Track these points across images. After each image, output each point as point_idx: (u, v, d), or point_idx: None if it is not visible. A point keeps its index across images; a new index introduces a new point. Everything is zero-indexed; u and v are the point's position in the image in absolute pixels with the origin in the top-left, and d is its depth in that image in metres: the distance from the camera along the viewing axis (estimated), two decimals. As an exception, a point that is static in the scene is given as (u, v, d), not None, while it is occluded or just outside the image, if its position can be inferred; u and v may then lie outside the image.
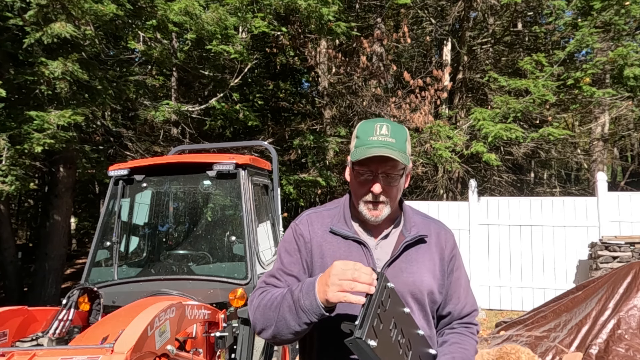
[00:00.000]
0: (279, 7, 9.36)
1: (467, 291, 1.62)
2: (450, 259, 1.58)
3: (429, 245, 1.55)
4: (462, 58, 13.07)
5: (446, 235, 1.60)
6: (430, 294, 1.51)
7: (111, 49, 9.15)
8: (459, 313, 1.60)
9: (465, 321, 1.61)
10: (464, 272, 1.64)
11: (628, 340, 4.38)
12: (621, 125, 13.99)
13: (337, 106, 13.27)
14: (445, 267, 1.57)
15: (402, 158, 1.43)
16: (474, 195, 8.61)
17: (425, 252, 1.54)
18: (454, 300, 1.59)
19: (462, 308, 1.60)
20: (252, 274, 3.51)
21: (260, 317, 1.46)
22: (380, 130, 1.46)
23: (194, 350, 3.01)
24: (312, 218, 1.59)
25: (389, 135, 1.46)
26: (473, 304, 1.64)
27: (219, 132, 13.28)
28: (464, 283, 1.62)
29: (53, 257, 9.18)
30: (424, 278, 1.49)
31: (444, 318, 1.61)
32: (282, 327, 1.39)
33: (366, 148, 1.44)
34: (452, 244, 1.60)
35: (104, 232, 3.82)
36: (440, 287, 1.54)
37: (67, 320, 2.93)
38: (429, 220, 1.63)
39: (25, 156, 6.68)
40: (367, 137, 1.47)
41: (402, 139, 1.48)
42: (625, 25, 10.07)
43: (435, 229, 1.60)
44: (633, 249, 7.05)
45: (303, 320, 1.34)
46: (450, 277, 1.58)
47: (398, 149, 1.45)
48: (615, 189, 12.80)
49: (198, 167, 3.76)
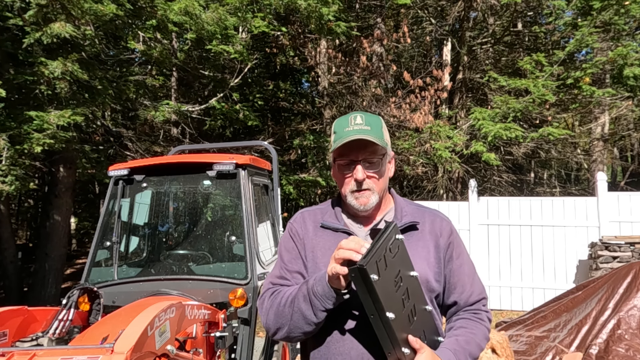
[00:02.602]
0: (279, 7, 9.36)
1: (473, 279, 1.58)
2: (448, 245, 1.55)
3: (422, 232, 1.54)
4: (462, 58, 13.06)
5: (441, 223, 1.58)
6: (423, 281, 1.48)
7: (111, 49, 9.15)
8: (466, 302, 1.56)
9: (474, 308, 1.57)
10: (466, 260, 1.59)
11: (628, 340, 4.38)
12: (621, 125, 13.99)
13: (337, 106, 13.26)
14: (442, 255, 1.54)
15: (380, 141, 1.46)
16: (473, 195, 8.61)
17: (418, 239, 1.53)
18: (458, 289, 1.55)
19: (469, 296, 1.56)
20: (252, 274, 3.51)
21: (273, 317, 1.48)
22: (355, 120, 1.50)
23: (194, 350, 3.01)
24: (304, 215, 1.64)
25: (364, 124, 1.49)
26: (481, 292, 1.59)
27: (219, 132, 13.28)
28: (468, 270, 1.58)
29: (53, 257, 9.18)
30: (416, 265, 1.47)
31: (451, 308, 1.58)
32: (298, 320, 1.42)
33: (343, 138, 1.47)
34: (448, 231, 1.57)
35: (104, 232, 3.81)
36: (436, 275, 1.51)
37: (67, 320, 2.93)
38: (424, 209, 1.62)
39: (25, 156, 6.68)
40: (342, 129, 1.50)
41: (377, 126, 1.51)
42: (625, 25, 10.06)
43: (430, 216, 1.59)
44: (633, 249, 7.05)
45: (318, 307, 1.37)
46: (450, 264, 1.55)
47: (374, 134, 1.47)
48: (615, 189, 12.80)
49: (198, 167, 3.75)
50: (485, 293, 1.62)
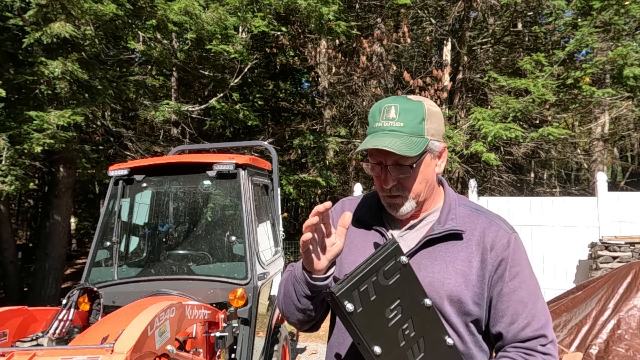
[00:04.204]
0: (279, 7, 9.36)
1: (530, 308, 1.25)
2: (499, 263, 1.25)
3: (468, 243, 1.27)
4: (462, 58, 13.06)
5: (497, 233, 1.27)
6: (455, 301, 1.23)
7: (111, 49, 9.14)
8: (514, 336, 1.24)
9: (526, 347, 1.24)
10: (527, 283, 1.27)
11: (628, 340, 4.38)
12: (621, 125, 14.00)
13: (337, 106, 13.28)
14: (488, 273, 1.25)
15: (406, 148, 1.20)
16: (473, 195, 8.61)
17: (460, 250, 1.27)
18: (506, 319, 1.25)
19: (520, 330, 1.24)
20: (252, 274, 3.51)
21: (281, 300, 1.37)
22: (387, 113, 1.26)
23: (194, 350, 3.01)
24: (345, 204, 1.49)
25: (397, 119, 1.24)
26: (540, 327, 1.24)
27: (219, 132, 13.28)
28: (525, 297, 1.25)
29: (53, 257, 9.18)
30: (448, 281, 1.23)
31: (498, 341, 1.29)
32: (289, 305, 1.32)
33: (370, 137, 1.26)
34: (503, 244, 1.26)
35: (104, 232, 3.82)
36: (476, 297, 1.24)
37: (67, 320, 2.93)
38: (480, 213, 1.33)
39: (25, 156, 6.67)
40: (374, 122, 1.28)
41: (414, 120, 1.25)
42: (625, 25, 10.07)
43: (484, 224, 1.30)
44: (633, 249, 7.05)
45: (300, 292, 1.25)
46: (499, 286, 1.25)
47: (408, 132, 1.23)
48: (615, 189, 12.80)
49: (198, 167, 3.76)
50: (547, 330, 1.26)
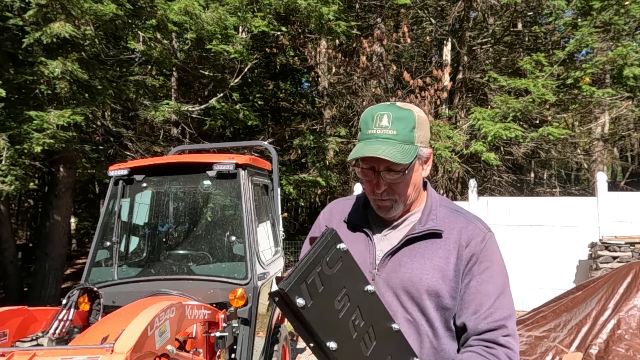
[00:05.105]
0: (279, 6, 9.36)
1: (494, 301, 1.29)
2: (470, 257, 1.31)
3: (446, 241, 1.33)
4: (462, 58, 13.07)
5: (472, 232, 1.34)
6: (433, 295, 1.29)
7: (111, 49, 9.14)
8: (476, 325, 1.28)
9: (486, 338, 1.27)
10: (494, 279, 1.31)
11: (628, 340, 4.38)
12: (621, 125, 14.01)
13: (337, 106, 13.28)
14: (462, 268, 1.31)
15: (400, 156, 1.25)
16: (473, 195, 8.61)
17: (438, 248, 1.33)
18: (470, 309, 1.29)
19: (482, 320, 1.28)
20: (252, 274, 3.51)
21: None
22: (380, 121, 1.30)
23: (194, 350, 3.01)
24: (333, 207, 1.55)
25: (390, 127, 1.29)
26: (502, 318, 1.28)
27: (219, 132, 13.28)
28: (491, 291, 1.29)
29: (53, 257, 9.18)
30: (425, 276, 1.29)
31: (463, 332, 1.33)
32: None
33: (363, 144, 1.30)
34: (476, 242, 1.32)
35: (104, 232, 3.82)
36: (452, 291, 1.30)
37: (67, 320, 2.93)
38: (459, 214, 1.39)
39: (25, 156, 6.68)
40: (366, 129, 1.32)
41: (406, 128, 1.30)
42: (625, 25, 10.07)
43: (462, 224, 1.36)
44: (633, 249, 7.05)
45: None
46: (468, 278, 1.31)
47: (400, 140, 1.28)
48: (615, 189, 12.79)
49: (198, 167, 3.76)
50: (509, 321, 1.29)
